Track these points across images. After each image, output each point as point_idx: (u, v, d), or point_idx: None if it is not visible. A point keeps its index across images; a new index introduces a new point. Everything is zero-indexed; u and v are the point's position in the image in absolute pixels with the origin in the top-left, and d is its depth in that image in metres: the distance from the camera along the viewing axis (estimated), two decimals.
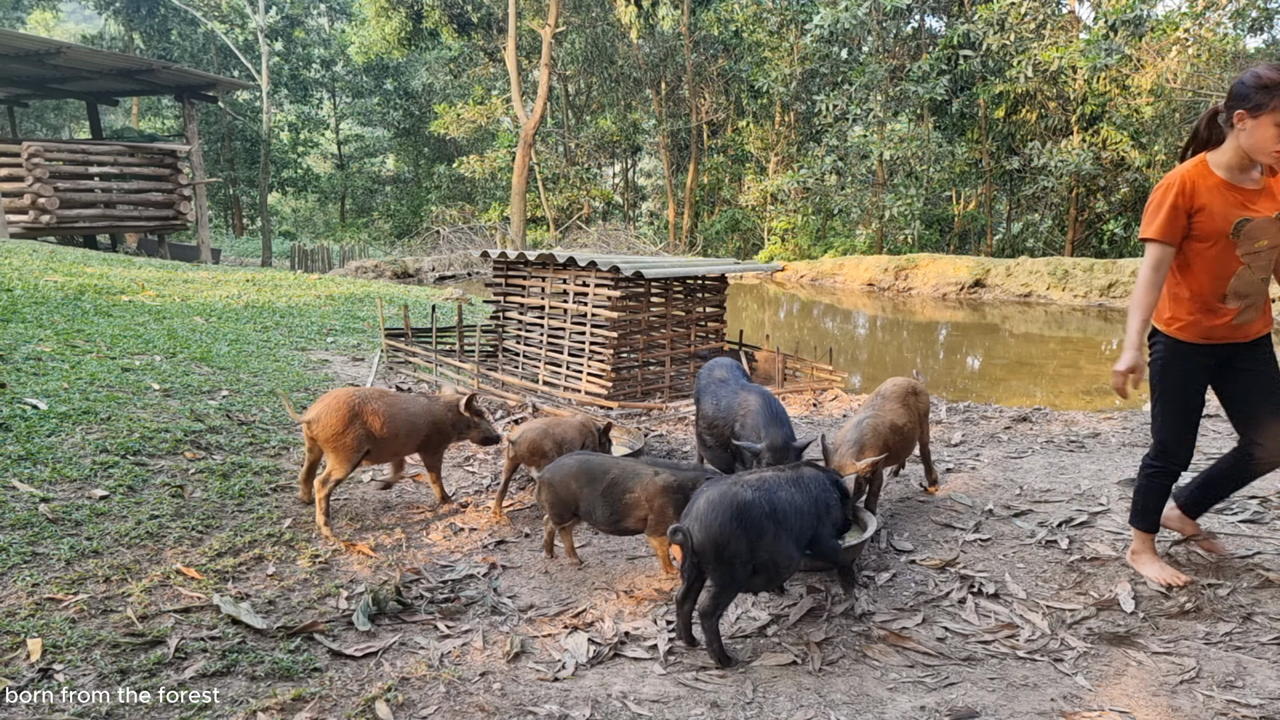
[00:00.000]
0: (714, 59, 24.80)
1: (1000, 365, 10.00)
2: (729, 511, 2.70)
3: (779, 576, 2.90)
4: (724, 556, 2.69)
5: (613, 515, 3.29)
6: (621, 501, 3.26)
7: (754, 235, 24.60)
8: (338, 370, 6.75)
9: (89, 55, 14.12)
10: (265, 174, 24.35)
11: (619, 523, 3.32)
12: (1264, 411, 2.90)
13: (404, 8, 24.91)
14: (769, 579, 2.87)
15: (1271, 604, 2.95)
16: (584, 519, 3.40)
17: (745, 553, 2.71)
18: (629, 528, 3.34)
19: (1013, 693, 2.58)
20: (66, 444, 3.94)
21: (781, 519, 2.79)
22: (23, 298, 6.96)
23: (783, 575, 2.92)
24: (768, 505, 2.76)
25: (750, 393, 3.92)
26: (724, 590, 2.75)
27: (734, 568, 2.71)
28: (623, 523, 3.31)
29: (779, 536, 2.77)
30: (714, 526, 2.69)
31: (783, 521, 2.79)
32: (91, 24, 35.20)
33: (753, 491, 2.78)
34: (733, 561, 2.70)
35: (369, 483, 4.39)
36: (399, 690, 2.54)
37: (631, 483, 3.26)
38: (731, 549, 2.69)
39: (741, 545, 2.69)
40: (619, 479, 3.28)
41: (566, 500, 3.36)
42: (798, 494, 2.89)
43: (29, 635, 2.60)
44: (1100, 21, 16.92)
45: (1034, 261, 15.79)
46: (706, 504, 2.75)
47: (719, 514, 2.70)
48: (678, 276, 7.08)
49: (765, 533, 2.74)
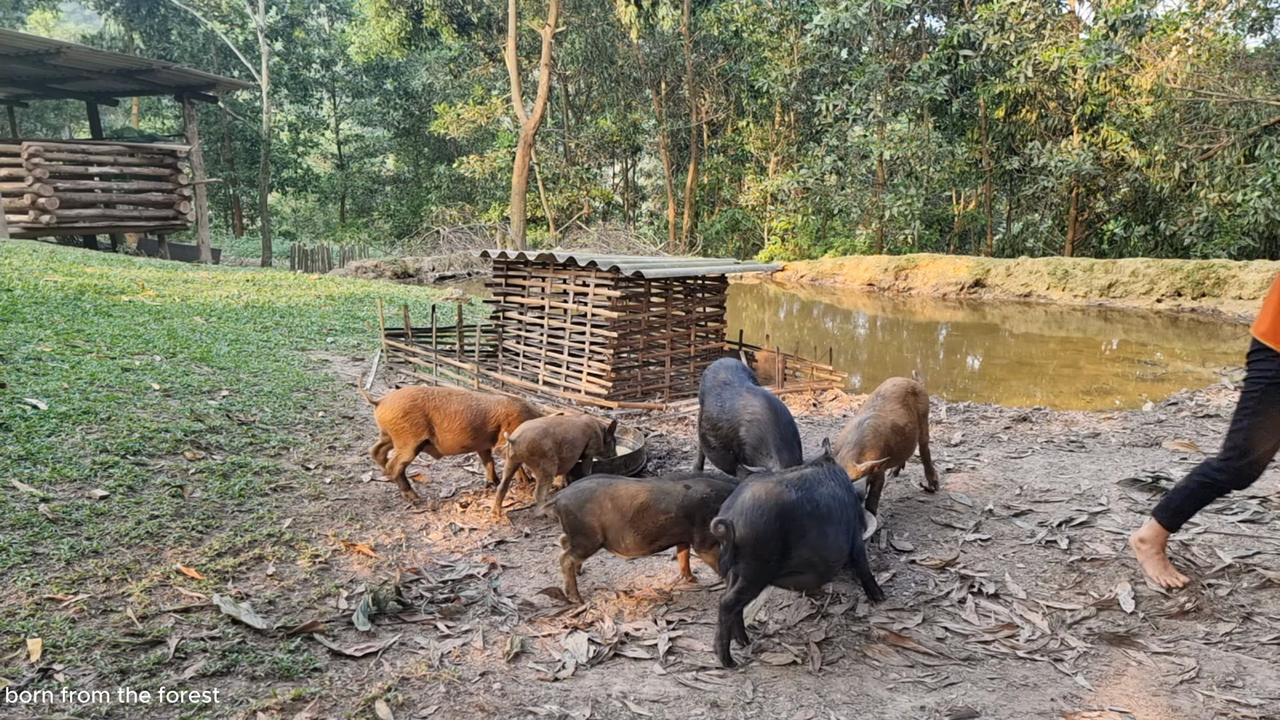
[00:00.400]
0: (714, 59, 24.80)
1: (1000, 365, 10.01)
2: (774, 510, 2.72)
3: (830, 573, 2.94)
4: (761, 553, 2.70)
5: (646, 539, 3.14)
6: (656, 524, 3.12)
7: (754, 235, 24.60)
8: (338, 370, 6.75)
9: (89, 55, 14.12)
10: (265, 174, 24.35)
11: (654, 544, 3.19)
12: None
13: (404, 8, 24.91)
14: (821, 575, 2.90)
15: (1271, 604, 2.95)
16: (610, 548, 3.20)
17: (781, 552, 2.72)
18: (662, 546, 3.23)
19: (1013, 693, 2.58)
20: (66, 444, 3.94)
21: (826, 515, 2.82)
22: (23, 298, 6.96)
23: (834, 571, 2.96)
24: (810, 504, 2.79)
25: (755, 396, 3.90)
26: (750, 585, 2.75)
27: (768, 565, 2.73)
28: (658, 543, 3.19)
29: (824, 533, 2.80)
30: (758, 523, 2.70)
31: (828, 517, 2.82)
32: (91, 24, 35.21)
33: (796, 492, 2.79)
34: (769, 559, 2.71)
35: (369, 483, 4.39)
36: (399, 690, 2.54)
37: (665, 503, 3.12)
38: (771, 547, 2.70)
39: (780, 544, 2.71)
40: (650, 502, 3.12)
41: (591, 530, 3.15)
42: (838, 487, 2.92)
43: (29, 635, 2.60)
44: (1100, 21, 16.92)
45: (1034, 261, 15.78)
46: (751, 500, 2.75)
47: (764, 512, 2.71)
48: (678, 276, 7.08)
49: (808, 532, 2.76)
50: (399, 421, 4.10)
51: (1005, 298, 15.49)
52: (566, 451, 4.10)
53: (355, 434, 5.13)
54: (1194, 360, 9.72)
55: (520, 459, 4.01)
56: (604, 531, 3.14)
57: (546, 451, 4.00)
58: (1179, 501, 3.06)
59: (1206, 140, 15.48)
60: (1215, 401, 6.26)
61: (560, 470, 4.15)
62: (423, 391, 4.23)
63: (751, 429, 3.76)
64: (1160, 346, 10.99)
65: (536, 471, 4.04)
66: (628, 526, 3.11)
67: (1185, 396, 6.76)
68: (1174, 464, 4.53)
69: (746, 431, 3.77)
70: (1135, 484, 4.11)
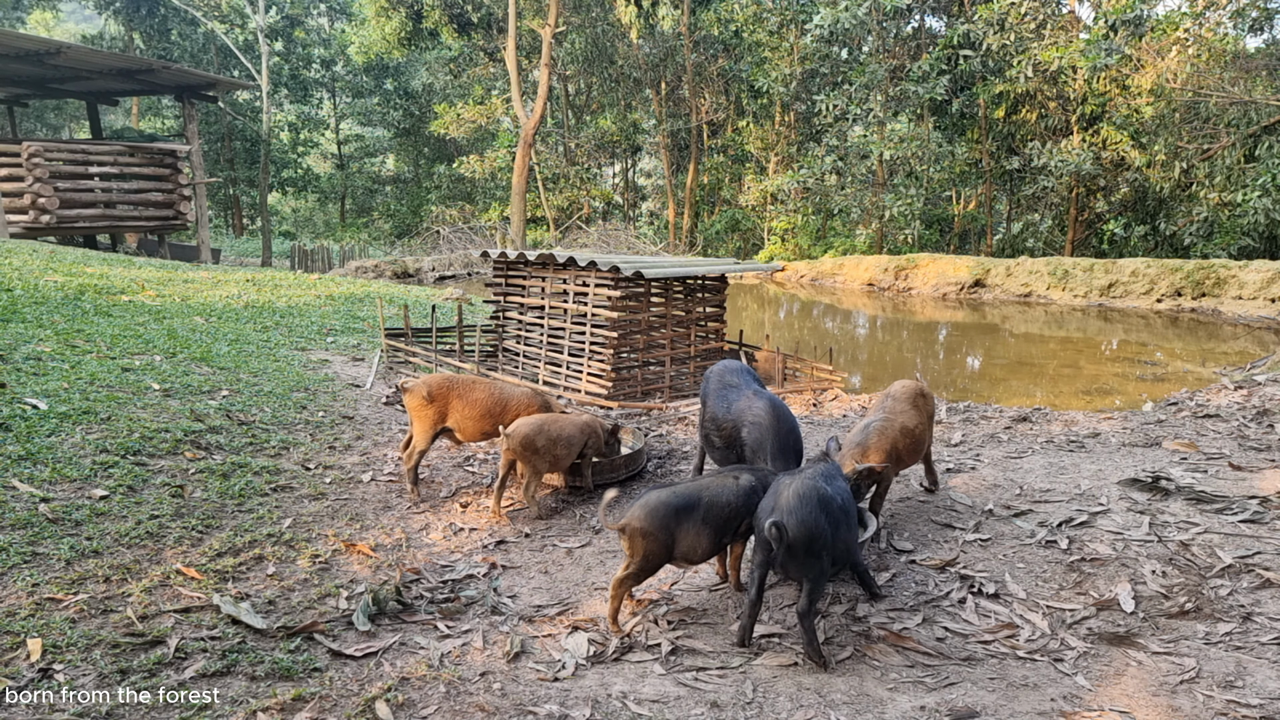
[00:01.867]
0: (714, 59, 24.80)
1: (1000, 365, 10.00)
2: (818, 504, 2.74)
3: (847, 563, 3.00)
4: (814, 549, 2.73)
5: (716, 541, 3.02)
6: (722, 521, 3.01)
7: (754, 235, 24.60)
8: (338, 370, 6.75)
9: (89, 55, 14.11)
10: (265, 174, 24.33)
11: (720, 546, 3.06)
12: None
13: (404, 8, 24.91)
14: (840, 566, 2.96)
15: (1271, 604, 2.95)
16: (682, 560, 3.04)
17: (829, 544, 2.77)
18: (726, 544, 3.12)
19: (1013, 693, 2.58)
20: (66, 444, 3.94)
21: (848, 508, 2.89)
22: (23, 298, 6.96)
23: (852, 560, 3.02)
24: (840, 497, 2.85)
25: (760, 400, 3.88)
26: (818, 585, 2.76)
27: (822, 560, 2.76)
28: (723, 541, 3.06)
29: (850, 525, 2.88)
30: (809, 520, 2.71)
31: (849, 510, 2.90)
32: (91, 24, 35.21)
33: (827, 484, 2.84)
34: (821, 554, 2.75)
35: (369, 483, 4.38)
36: (399, 690, 2.54)
37: (729, 496, 3.04)
38: (821, 541, 2.74)
39: (829, 537, 2.76)
40: (714, 500, 3.01)
41: (665, 547, 2.96)
42: (844, 483, 3.00)
43: (29, 635, 2.60)
44: (1100, 21, 16.91)
45: (1034, 261, 15.79)
46: (796, 498, 2.75)
47: (811, 507, 2.72)
48: (678, 276, 7.08)
49: (841, 523, 2.82)
50: (423, 406, 4.21)
51: (1005, 298, 15.49)
52: (561, 449, 4.09)
53: (355, 434, 5.13)
54: (1194, 360, 9.72)
55: (513, 454, 4.01)
56: (677, 544, 2.98)
57: (539, 448, 4.00)
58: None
59: (1206, 140, 15.48)
60: (1215, 401, 6.26)
61: (555, 468, 4.15)
62: (449, 378, 4.36)
63: (752, 431, 3.76)
64: (1160, 346, 10.99)
65: (526, 468, 4.04)
66: (703, 530, 2.98)
67: (1185, 396, 6.76)
68: (1174, 464, 4.53)
69: (748, 434, 3.77)
70: (1135, 484, 4.11)
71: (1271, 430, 5.17)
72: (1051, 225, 19.94)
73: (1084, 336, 12.02)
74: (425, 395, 4.22)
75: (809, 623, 2.75)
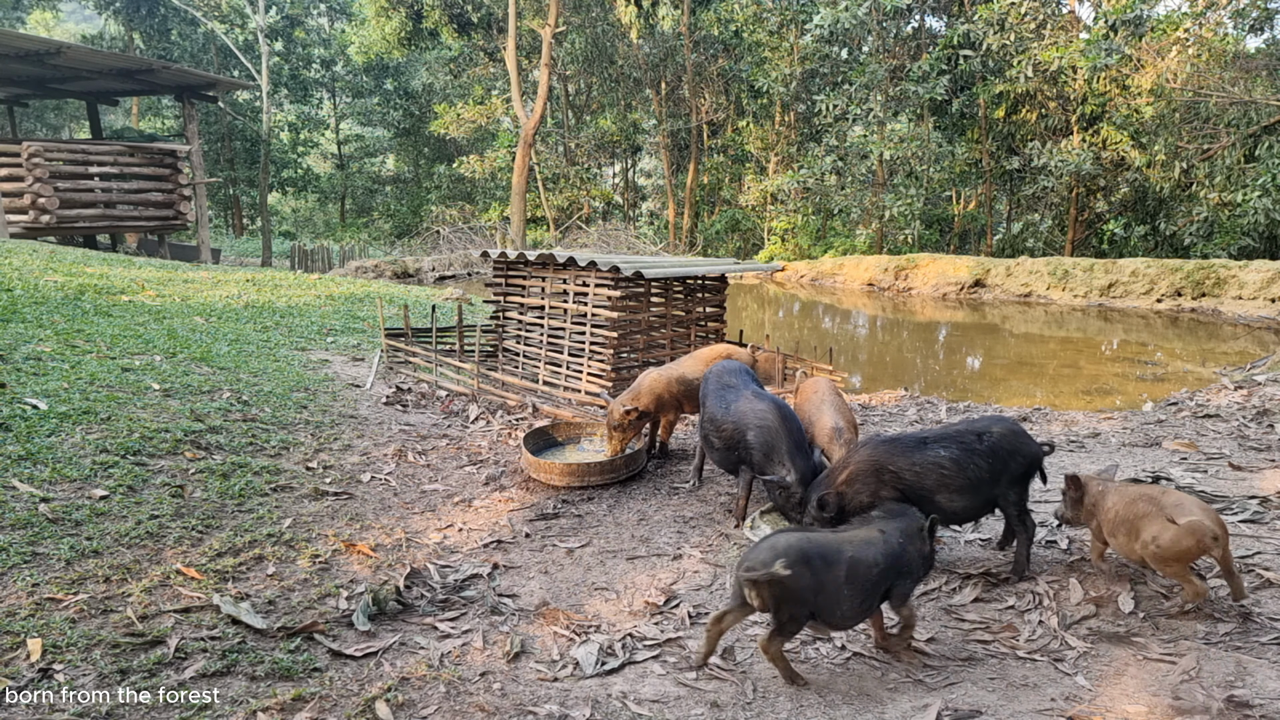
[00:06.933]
0: (714, 59, 24.80)
1: (1000, 365, 10.00)
2: None
3: None
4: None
5: (864, 604, 2.67)
6: (870, 580, 2.65)
7: (754, 235, 24.60)
8: (338, 370, 6.75)
9: (89, 55, 14.10)
10: (265, 174, 24.33)
11: (868, 610, 2.72)
12: None
13: (404, 8, 24.90)
14: None
15: (1271, 604, 2.95)
16: (817, 621, 2.66)
17: None
18: (873, 609, 2.76)
19: (1013, 693, 2.58)
20: (66, 444, 3.94)
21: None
22: (23, 298, 6.96)
23: None
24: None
25: (761, 400, 3.86)
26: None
27: None
28: (870, 606, 2.71)
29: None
30: None
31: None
32: (91, 24, 35.19)
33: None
34: None
35: (369, 483, 4.38)
36: (399, 690, 2.54)
37: (872, 553, 2.67)
38: None
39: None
40: (858, 556, 2.64)
41: (805, 602, 2.58)
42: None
43: (29, 635, 2.60)
44: (1100, 21, 16.91)
45: (1034, 261, 15.79)
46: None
47: None
48: (678, 276, 7.08)
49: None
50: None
51: (1005, 298, 15.49)
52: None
53: (355, 434, 5.13)
54: (1194, 360, 9.72)
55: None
56: (816, 600, 2.60)
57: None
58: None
59: (1206, 140, 15.48)
60: (1215, 401, 6.25)
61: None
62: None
63: (761, 435, 3.72)
64: (1160, 346, 10.99)
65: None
66: (842, 589, 2.60)
67: (1185, 396, 6.76)
68: (1174, 464, 4.53)
69: (755, 438, 3.73)
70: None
71: (1271, 430, 5.18)
72: (1051, 225, 19.94)
73: (1084, 336, 12.02)
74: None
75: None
